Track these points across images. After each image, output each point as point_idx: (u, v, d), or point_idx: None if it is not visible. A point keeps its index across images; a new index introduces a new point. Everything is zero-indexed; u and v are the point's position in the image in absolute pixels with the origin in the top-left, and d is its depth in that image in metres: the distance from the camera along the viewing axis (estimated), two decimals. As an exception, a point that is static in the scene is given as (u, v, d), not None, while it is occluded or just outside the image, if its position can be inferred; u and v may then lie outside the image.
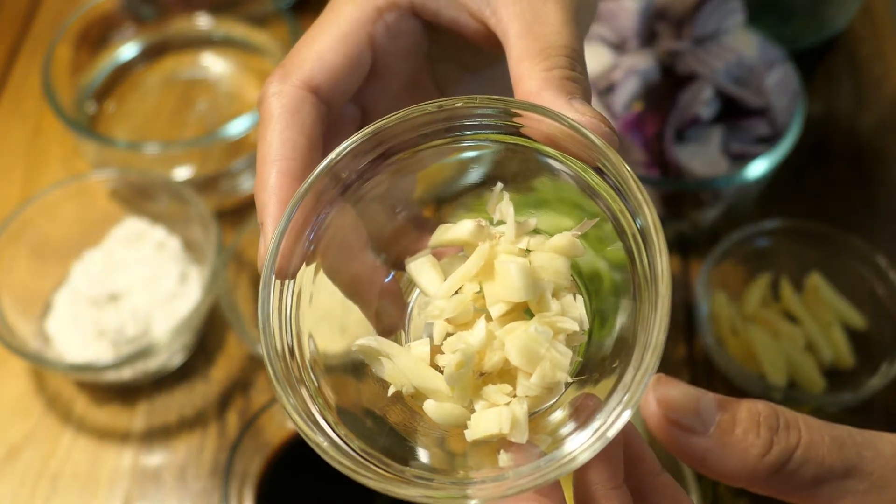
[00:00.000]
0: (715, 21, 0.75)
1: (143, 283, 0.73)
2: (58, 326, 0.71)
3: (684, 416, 0.30)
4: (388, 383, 0.36)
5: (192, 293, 0.72)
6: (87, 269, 0.74)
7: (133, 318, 0.71)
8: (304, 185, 0.35)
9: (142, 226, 0.77)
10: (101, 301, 0.72)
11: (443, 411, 0.35)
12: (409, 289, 0.39)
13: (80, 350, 0.69)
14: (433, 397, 0.35)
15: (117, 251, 0.75)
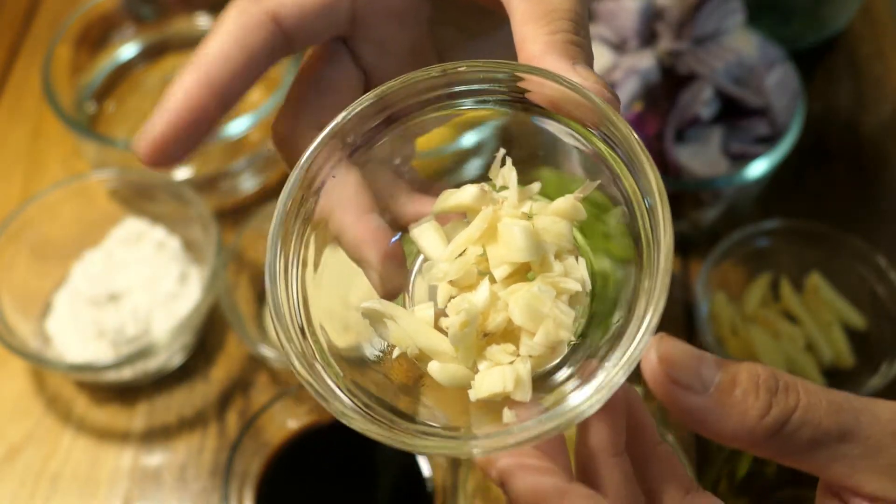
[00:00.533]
0: (715, 21, 0.75)
1: (143, 283, 0.73)
2: (58, 326, 0.71)
3: (684, 374, 0.30)
4: (393, 346, 0.36)
5: (192, 293, 0.72)
6: (87, 269, 0.74)
7: (133, 318, 0.71)
8: (311, 146, 0.36)
9: (141, 226, 0.77)
10: (100, 301, 0.72)
11: (447, 372, 0.35)
12: (412, 255, 0.39)
13: (80, 350, 0.69)
14: (437, 358, 0.35)
15: (117, 251, 0.75)
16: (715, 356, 0.31)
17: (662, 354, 0.30)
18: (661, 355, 0.30)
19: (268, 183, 0.82)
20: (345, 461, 0.65)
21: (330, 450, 0.65)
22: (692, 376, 0.30)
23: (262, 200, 0.80)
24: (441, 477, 0.62)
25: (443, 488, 0.61)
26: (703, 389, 0.30)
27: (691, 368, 0.30)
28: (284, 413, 0.64)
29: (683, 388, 0.30)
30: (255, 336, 0.70)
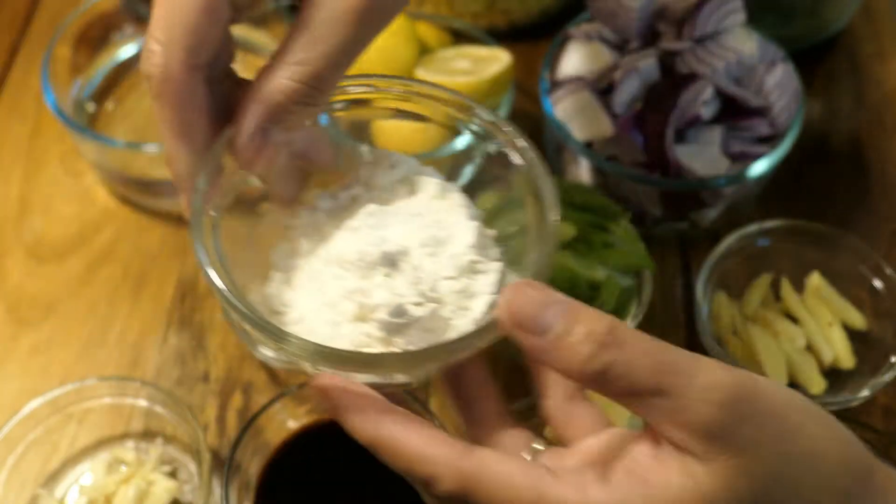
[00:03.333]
0: (715, 21, 0.75)
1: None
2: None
3: (526, 320, 0.36)
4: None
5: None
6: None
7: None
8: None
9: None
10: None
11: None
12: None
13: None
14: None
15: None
16: (567, 304, 0.36)
17: (511, 302, 0.37)
18: (508, 300, 0.37)
19: (268, 183, 0.82)
20: (345, 461, 0.65)
21: (330, 450, 0.65)
22: (533, 322, 0.36)
23: (262, 200, 0.80)
24: (441, 477, 0.62)
25: (443, 488, 0.61)
26: (541, 332, 0.36)
27: (533, 315, 0.36)
28: (284, 413, 0.64)
29: (524, 331, 0.36)
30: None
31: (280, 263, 0.43)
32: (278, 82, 0.41)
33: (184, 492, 0.65)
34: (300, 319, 0.42)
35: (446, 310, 0.41)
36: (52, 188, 0.83)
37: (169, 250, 0.79)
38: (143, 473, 0.65)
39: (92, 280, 0.77)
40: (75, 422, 0.68)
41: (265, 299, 0.43)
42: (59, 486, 0.66)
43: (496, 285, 0.42)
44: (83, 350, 0.73)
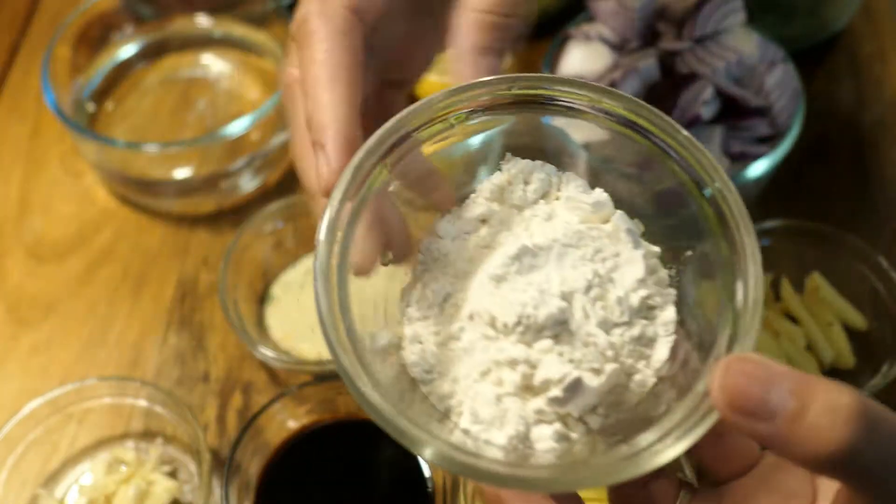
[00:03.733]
0: (715, 21, 0.75)
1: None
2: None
3: (749, 402, 0.30)
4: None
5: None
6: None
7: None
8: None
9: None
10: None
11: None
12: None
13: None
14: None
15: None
16: (793, 374, 0.30)
17: (726, 385, 0.30)
18: (723, 384, 0.30)
19: (268, 183, 0.82)
20: (345, 461, 0.65)
21: (330, 450, 0.65)
22: (757, 406, 0.29)
23: (262, 200, 0.80)
24: (441, 477, 0.62)
25: (443, 488, 0.61)
26: (769, 418, 0.29)
27: (757, 396, 0.29)
28: (284, 413, 0.64)
29: (748, 416, 0.30)
30: (255, 336, 0.70)
31: (409, 312, 0.38)
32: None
33: (184, 492, 0.65)
34: (450, 393, 0.36)
35: (625, 364, 0.36)
36: (52, 188, 0.83)
37: (169, 250, 0.79)
38: (143, 473, 0.65)
39: (92, 280, 0.77)
40: (75, 422, 0.68)
41: (401, 368, 0.37)
42: (59, 486, 0.66)
43: (674, 324, 0.36)
44: (83, 350, 0.73)
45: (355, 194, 0.36)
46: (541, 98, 0.38)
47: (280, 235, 0.75)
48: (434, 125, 0.38)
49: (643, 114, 0.38)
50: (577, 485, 0.32)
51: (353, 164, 0.36)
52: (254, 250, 0.74)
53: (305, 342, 0.72)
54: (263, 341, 0.70)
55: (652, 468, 0.31)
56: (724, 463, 0.37)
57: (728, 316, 0.34)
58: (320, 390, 0.65)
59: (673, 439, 0.32)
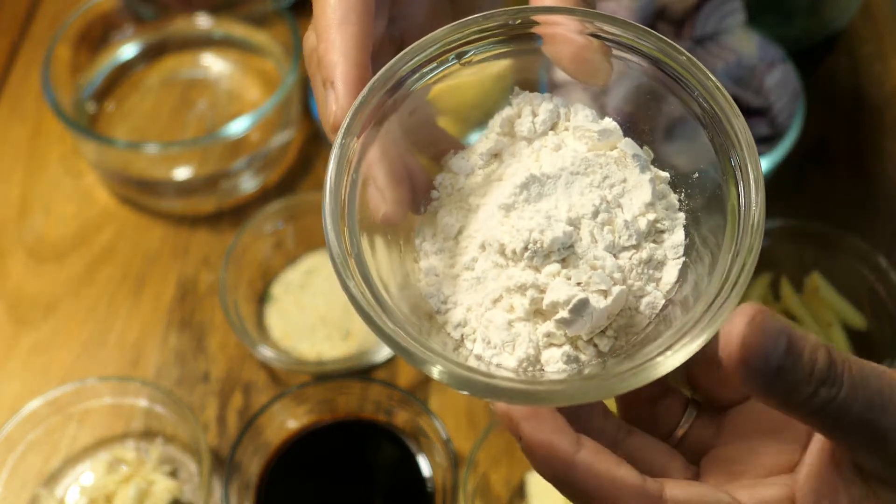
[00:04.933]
0: (715, 21, 0.75)
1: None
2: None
3: (759, 361, 0.31)
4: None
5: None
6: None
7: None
8: (357, 100, 0.37)
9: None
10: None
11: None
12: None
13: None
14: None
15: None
16: (789, 328, 0.31)
17: (748, 339, 0.30)
18: (745, 339, 0.30)
19: (268, 183, 0.82)
20: (345, 461, 0.65)
21: (330, 450, 0.65)
22: (766, 361, 0.31)
23: (262, 200, 0.80)
24: (441, 477, 0.62)
25: (443, 488, 0.61)
26: (769, 373, 0.31)
27: (767, 352, 0.31)
28: (284, 413, 0.65)
29: (753, 370, 0.31)
30: (255, 336, 0.70)
31: (424, 247, 0.39)
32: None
33: (184, 492, 0.65)
34: (464, 321, 0.37)
35: (634, 286, 0.36)
36: (52, 188, 0.83)
37: (169, 250, 0.79)
38: (144, 473, 0.65)
39: (92, 280, 0.77)
40: (75, 422, 0.68)
41: (418, 300, 0.37)
42: (59, 486, 0.66)
43: (683, 247, 0.37)
44: (83, 350, 0.73)
45: (361, 132, 0.37)
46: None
47: (280, 235, 0.75)
48: (437, 62, 0.39)
49: (646, 39, 0.39)
50: (584, 396, 0.33)
51: (357, 102, 0.37)
52: (254, 250, 0.74)
53: (305, 342, 0.72)
54: (263, 341, 0.70)
55: (660, 374, 0.32)
56: (723, 388, 0.38)
57: (731, 234, 0.35)
58: (320, 390, 0.65)
59: (673, 350, 0.33)
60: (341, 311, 0.73)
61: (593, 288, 0.35)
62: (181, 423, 0.65)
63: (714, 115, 0.37)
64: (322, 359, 0.70)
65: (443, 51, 0.39)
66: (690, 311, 0.35)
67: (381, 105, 0.37)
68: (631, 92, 0.40)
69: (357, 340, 0.71)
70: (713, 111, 0.37)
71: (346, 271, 0.34)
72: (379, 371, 0.70)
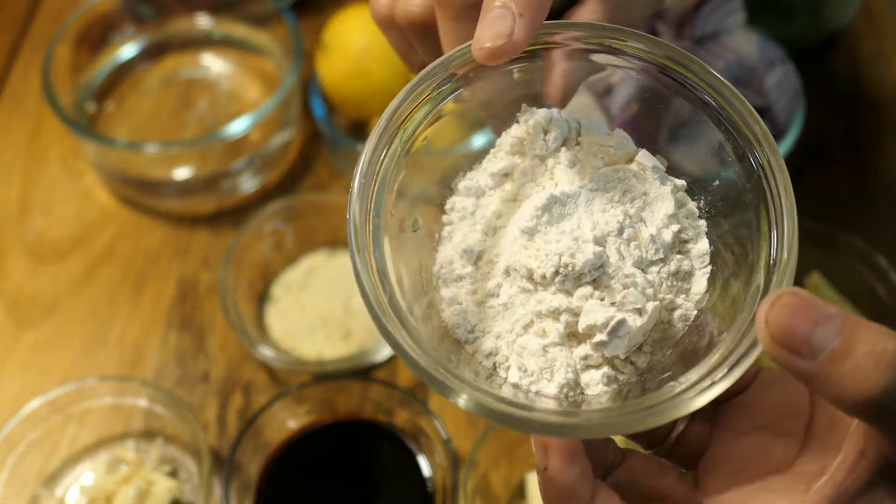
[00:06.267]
0: (715, 21, 0.75)
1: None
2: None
3: (793, 340, 0.29)
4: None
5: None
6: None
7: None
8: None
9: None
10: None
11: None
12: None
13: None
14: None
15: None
16: (841, 315, 0.30)
17: (772, 318, 0.30)
18: (770, 319, 0.30)
19: (268, 183, 0.82)
20: (345, 461, 0.65)
21: (330, 450, 0.65)
22: (801, 342, 0.29)
23: (262, 200, 0.80)
24: (441, 477, 0.62)
25: (443, 488, 0.62)
26: (811, 356, 0.29)
27: (803, 333, 0.29)
28: (284, 413, 0.65)
29: (792, 353, 0.29)
30: (255, 336, 0.70)
31: (442, 274, 0.38)
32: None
33: (184, 492, 0.65)
34: (495, 350, 0.36)
35: (665, 300, 0.36)
36: (52, 188, 0.83)
37: (169, 250, 0.79)
38: (144, 473, 0.65)
39: (92, 280, 0.77)
40: (75, 422, 0.68)
41: (444, 331, 0.37)
42: (59, 486, 0.66)
43: (708, 255, 0.36)
44: (83, 350, 0.73)
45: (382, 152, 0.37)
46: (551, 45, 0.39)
47: (280, 235, 0.75)
48: (434, 95, 0.38)
49: (658, 51, 0.38)
50: (629, 427, 0.32)
51: (387, 113, 0.37)
52: (254, 250, 0.74)
53: (305, 342, 0.72)
54: (263, 341, 0.70)
55: (699, 406, 0.32)
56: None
57: (763, 243, 0.34)
58: (320, 390, 0.65)
59: (719, 375, 0.32)
60: (341, 311, 0.73)
61: (628, 307, 0.35)
62: (181, 423, 0.65)
63: (729, 118, 0.37)
64: (322, 359, 0.70)
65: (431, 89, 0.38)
66: (729, 329, 0.34)
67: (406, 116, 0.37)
68: (637, 99, 0.40)
69: (357, 340, 0.71)
70: (727, 114, 0.37)
71: (382, 312, 0.33)
72: (379, 371, 0.70)
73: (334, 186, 0.81)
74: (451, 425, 0.66)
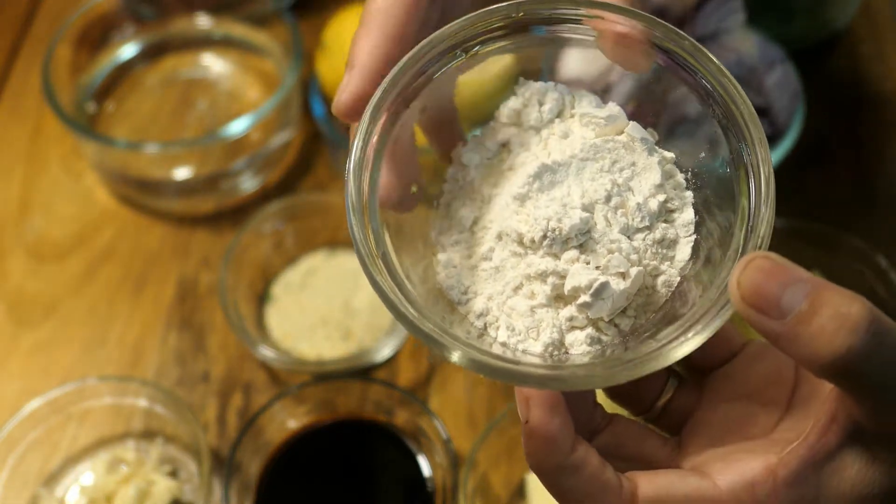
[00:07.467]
0: (715, 21, 0.75)
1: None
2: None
3: (763, 301, 0.31)
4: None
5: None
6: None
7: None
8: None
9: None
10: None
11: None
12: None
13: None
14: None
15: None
16: (810, 279, 0.31)
17: (744, 280, 0.31)
18: (742, 280, 0.31)
19: (268, 183, 0.82)
20: (345, 461, 0.65)
21: (330, 450, 0.65)
22: (771, 303, 0.31)
23: (262, 200, 0.80)
24: (441, 477, 0.62)
25: (443, 488, 0.62)
26: (779, 316, 0.31)
27: (772, 295, 0.31)
28: (284, 413, 0.65)
29: (761, 313, 0.31)
30: (255, 336, 0.70)
31: (441, 240, 0.40)
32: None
33: (184, 492, 0.65)
34: (486, 310, 0.38)
35: (649, 266, 0.37)
36: (52, 188, 0.83)
37: (169, 250, 0.79)
38: (144, 473, 0.65)
39: (92, 280, 0.77)
40: (75, 422, 0.68)
41: (439, 292, 0.38)
42: (59, 486, 0.66)
43: (693, 224, 0.38)
44: (83, 350, 0.73)
45: (377, 129, 0.38)
46: (550, 19, 0.40)
47: (280, 235, 0.75)
48: (447, 56, 0.40)
49: (648, 23, 0.39)
50: (608, 380, 0.34)
51: (371, 103, 0.38)
52: (254, 250, 0.74)
53: (305, 342, 0.72)
54: (263, 341, 0.70)
55: (675, 359, 0.33)
56: (708, 353, 0.39)
57: (743, 210, 0.36)
58: (320, 390, 0.65)
59: (693, 332, 0.34)
60: (341, 311, 0.73)
61: (612, 271, 0.36)
62: (181, 423, 0.65)
63: (716, 95, 0.38)
64: (322, 359, 0.70)
65: (450, 45, 0.39)
66: (707, 290, 0.35)
67: (397, 99, 0.38)
68: (634, 96, 0.41)
69: (357, 340, 0.71)
70: (716, 93, 0.38)
71: (374, 266, 0.35)
72: (379, 371, 0.70)
73: (334, 186, 0.81)
74: (451, 425, 0.66)
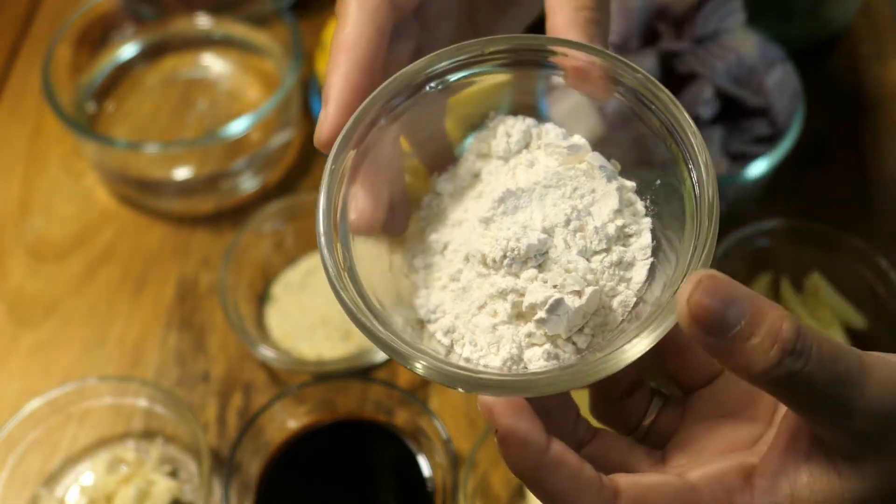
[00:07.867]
0: (715, 21, 0.75)
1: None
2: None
3: (708, 318, 0.33)
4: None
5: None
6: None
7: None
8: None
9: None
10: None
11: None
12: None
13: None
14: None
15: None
16: (753, 296, 0.33)
17: (692, 298, 0.33)
18: (690, 298, 0.33)
19: (268, 183, 0.82)
20: (345, 461, 0.65)
21: (330, 450, 0.65)
22: (713, 321, 0.33)
23: (262, 200, 0.80)
24: (441, 477, 0.62)
25: (443, 488, 0.62)
26: (720, 333, 0.33)
27: (715, 313, 0.33)
28: (284, 413, 0.65)
29: (703, 330, 0.33)
30: (255, 336, 0.70)
31: (414, 263, 0.42)
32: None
33: (184, 492, 0.65)
34: (452, 328, 0.40)
35: (606, 287, 0.39)
36: (52, 188, 0.83)
37: (169, 250, 0.79)
38: (144, 473, 0.65)
39: (92, 280, 0.77)
40: (75, 422, 0.68)
41: (410, 311, 0.41)
42: (59, 486, 0.66)
43: (650, 248, 0.40)
44: (83, 350, 0.73)
45: (351, 151, 0.40)
46: (516, 58, 0.42)
47: (280, 235, 0.75)
48: (420, 88, 0.42)
49: (610, 61, 0.41)
50: (561, 385, 0.36)
51: (350, 121, 0.40)
52: (254, 250, 0.74)
53: (305, 342, 0.72)
54: (263, 341, 0.70)
55: (626, 362, 0.36)
56: (690, 374, 0.41)
57: (691, 234, 0.38)
58: (320, 390, 0.65)
59: (640, 337, 0.36)
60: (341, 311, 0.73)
61: (568, 289, 0.38)
62: (181, 423, 0.65)
63: (667, 123, 0.40)
64: (322, 359, 0.70)
65: (424, 79, 0.42)
66: (660, 297, 0.38)
67: (371, 126, 0.41)
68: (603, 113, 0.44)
69: (357, 340, 0.71)
70: (667, 121, 0.40)
71: (340, 282, 0.38)
72: (379, 371, 0.70)
73: (334, 186, 0.81)
74: (451, 425, 0.66)
